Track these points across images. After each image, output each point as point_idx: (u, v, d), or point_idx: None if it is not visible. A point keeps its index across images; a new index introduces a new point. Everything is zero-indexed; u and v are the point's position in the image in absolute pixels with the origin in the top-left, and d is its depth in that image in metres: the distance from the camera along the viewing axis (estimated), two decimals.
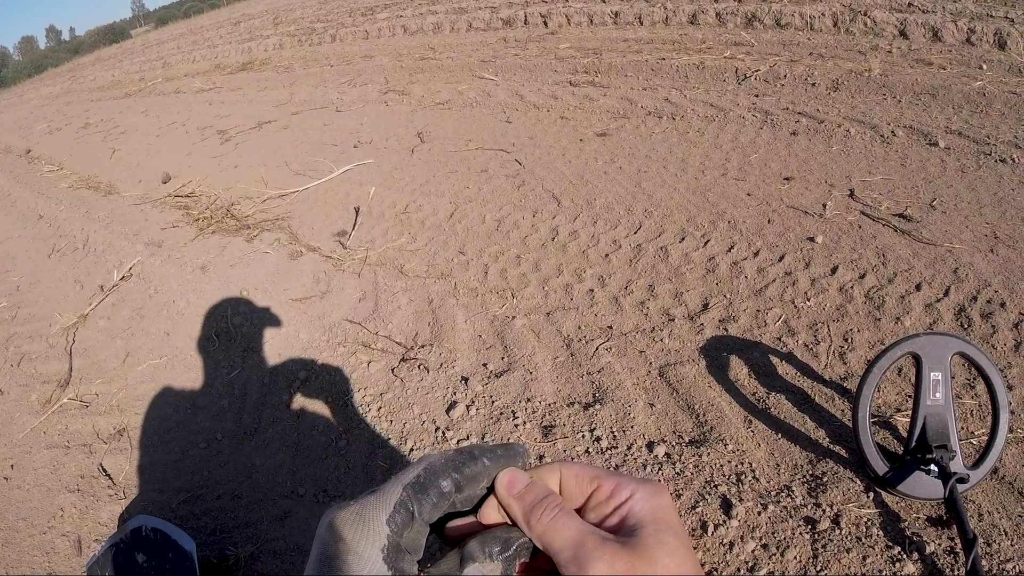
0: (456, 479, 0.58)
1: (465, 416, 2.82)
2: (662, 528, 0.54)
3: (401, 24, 12.17)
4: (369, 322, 3.60)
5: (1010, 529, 1.89)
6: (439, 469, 0.58)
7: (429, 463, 0.58)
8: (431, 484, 0.57)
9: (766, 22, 7.24)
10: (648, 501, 0.56)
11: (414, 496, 0.56)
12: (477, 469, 0.59)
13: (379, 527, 0.53)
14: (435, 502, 0.57)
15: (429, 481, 0.57)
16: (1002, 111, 4.26)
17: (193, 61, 17.04)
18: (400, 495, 0.55)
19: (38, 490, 3.08)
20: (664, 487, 0.58)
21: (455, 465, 0.58)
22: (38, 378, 3.99)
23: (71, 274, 5.24)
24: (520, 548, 0.58)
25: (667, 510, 0.56)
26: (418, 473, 0.57)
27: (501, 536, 0.58)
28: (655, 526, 0.54)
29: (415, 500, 0.55)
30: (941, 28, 5.84)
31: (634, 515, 0.55)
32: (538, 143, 5.36)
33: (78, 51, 50.71)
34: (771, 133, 4.63)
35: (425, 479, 0.57)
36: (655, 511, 0.55)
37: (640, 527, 0.54)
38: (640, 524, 0.54)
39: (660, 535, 0.53)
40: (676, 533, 0.54)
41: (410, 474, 0.57)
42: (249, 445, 3.06)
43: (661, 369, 2.80)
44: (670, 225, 3.73)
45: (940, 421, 1.99)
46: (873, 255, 3.11)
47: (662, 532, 0.53)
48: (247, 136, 7.89)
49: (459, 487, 0.58)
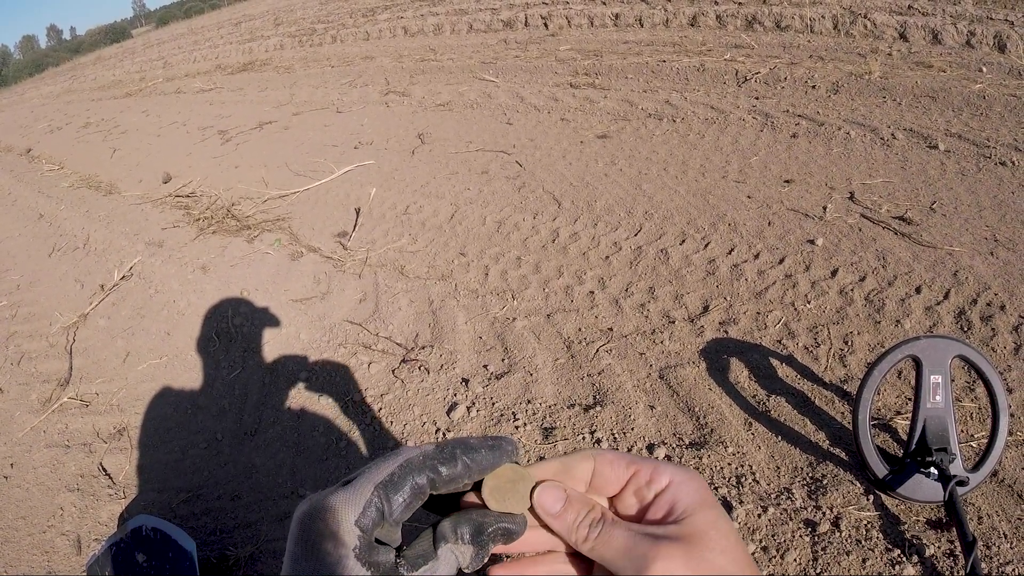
0: (432, 478, 0.55)
1: (466, 417, 2.82)
2: (710, 512, 0.54)
3: (402, 25, 12.18)
4: (370, 323, 3.60)
5: (1010, 532, 1.89)
6: (415, 467, 0.55)
7: (406, 460, 0.55)
8: (405, 483, 0.54)
9: (766, 24, 7.25)
10: (690, 485, 0.56)
11: (385, 496, 0.53)
12: (456, 471, 0.56)
13: (349, 527, 0.51)
14: (407, 502, 0.54)
15: (403, 480, 0.54)
16: (1002, 114, 4.27)
17: (194, 61, 17.05)
18: (371, 495, 0.52)
19: (38, 489, 3.08)
20: (697, 472, 0.57)
21: (432, 464, 0.55)
22: (38, 377, 3.99)
23: (71, 273, 5.24)
24: (495, 533, 0.56)
25: (709, 494, 0.56)
26: (393, 471, 0.54)
27: (475, 520, 0.56)
28: (704, 512, 0.54)
29: (387, 500, 0.53)
30: (941, 31, 5.85)
31: (681, 501, 0.55)
32: (539, 145, 5.36)
33: (79, 50, 50.65)
34: (771, 136, 4.64)
35: (400, 478, 0.54)
36: (700, 495, 0.55)
37: (691, 513, 0.54)
38: (689, 510, 0.54)
39: (712, 520, 0.53)
40: (724, 515, 0.54)
41: (384, 472, 0.54)
42: (249, 445, 3.06)
43: (661, 371, 2.80)
44: (670, 227, 3.73)
45: (940, 424, 1.99)
46: (873, 258, 3.12)
47: (712, 516, 0.53)
48: (248, 136, 7.89)
49: (435, 486, 0.55)
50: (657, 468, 0.57)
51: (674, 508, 0.55)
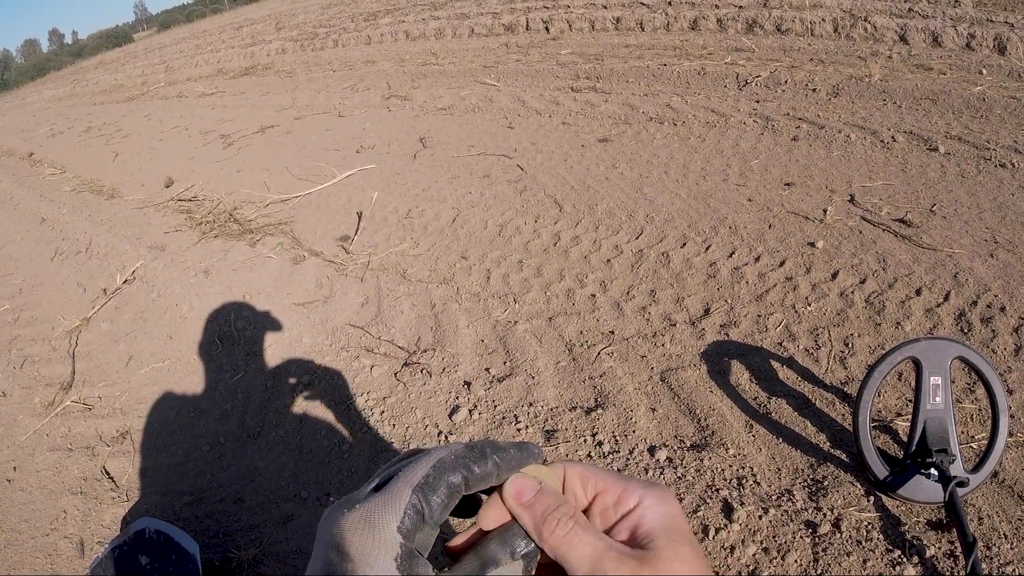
0: (466, 477, 0.54)
1: (468, 420, 2.83)
2: (675, 539, 0.52)
3: (403, 29, 12.21)
4: (372, 326, 3.61)
5: (1010, 532, 1.90)
6: (449, 466, 0.54)
7: (439, 460, 0.54)
8: (441, 483, 0.53)
9: (767, 27, 7.27)
10: (657, 509, 0.55)
11: (424, 498, 0.52)
12: (487, 469, 0.55)
13: (390, 535, 0.50)
14: (445, 502, 0.53)
15: (439, 481, 0.53)
16: (1002, 116, 4.28)
17: (196, 65, 17.08)
18: (410, 498, 0.51)
19: (41, 492, 3.09)
20: (669, 492, 0.56)
21: (465, 463, 0.55)
22: (41, 381, 4.00)
23: (74, 277, 5.25)
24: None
25: (677, 518, 0.55)
26: (427, 472, 0.53)
27: (520, 531, 0.55)
28: (668, 537, 0.53)
29: (426, 502, 0.52)
30: (941, 33, 5.86)
31: (645, 525, 0.54)
32: (540, 148, 5.38)
33: (81, 54, 50.73)
34: (772, 139, 4.65)
35: (435, 478, 0.53)
36: (666, 520, 0.54)
37: (653, 539, 0.53)
38: (653, 536, 0.53)
39: (674, 546, 0.52)
40: (689, 542, 0.53)
41: (418, 473, 0.53)
42: (252, 448, 3.07)
43: (663, 374, 2.81)
44: (671, 230, 3.74)
45: (940, 425, 2.00)
46: (873, 260, 3.12)
47: (676, 543, 0.52)
48: (250, 141, 7.91)
49: (468, 485, 0.55)
50: (627, 489, 0.57)
51: (637, 532, 0.54)
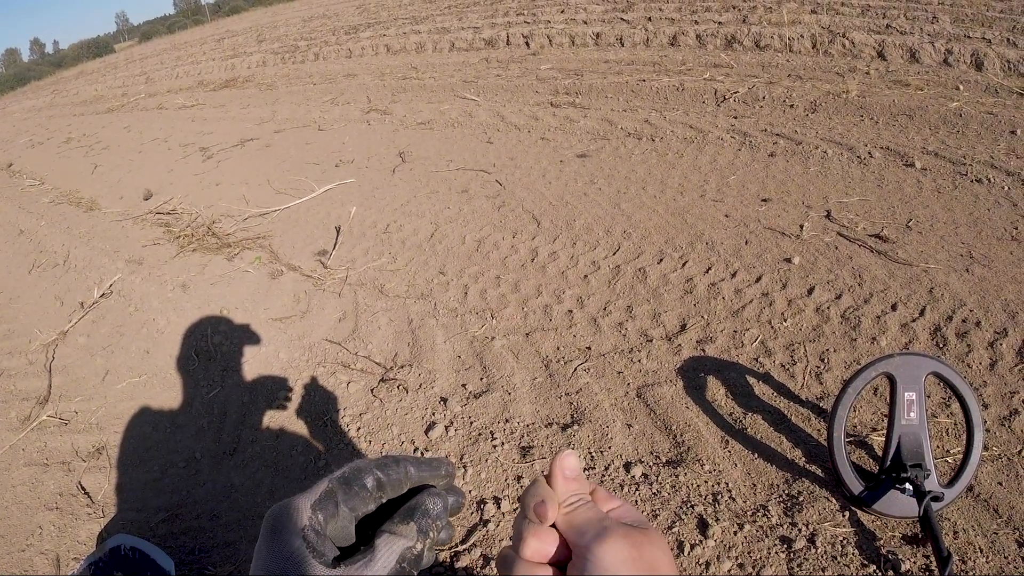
0: (379, 477, 0.64)
1: (444, 436, 2.82)
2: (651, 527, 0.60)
3: (384, 43, 12.23)
4: (349, 342, 3.59)
5: (985, 546, 1.91)
6: (363, 468, 0.64)
7: (356, 463, 0.65)
8: (355, 478, 0.63)
9: (746, 44, 7.33)
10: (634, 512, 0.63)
11: (339, 486, 0.62)
12: (399, 474, 0.65)
13: (303, 510, 0.59)
14: (358, 493, 0.63)
15: (353, 476, 0.63)
16: (978, 131, 4.33)
17: (176, 77, 17.01)
18: (326, 486, 0.62)
19: (16, 507, 3.05)
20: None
21: (379, 465, 0.65)
22: (17, 395, 3.95)
23: (51, 290, 5.20)
24: (431, 507, 0.64)
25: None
26: (344, 470, 0.64)
27: (410, 503, 0.65)
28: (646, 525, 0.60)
29: (340, 490, 0.62)
30: (919, 49, 5.93)
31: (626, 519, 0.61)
32: (519, 164, 5.39)
33: (62, 64, 50.38)
34: (749, 155, 4.68)
35: (350, 474, 0.63)
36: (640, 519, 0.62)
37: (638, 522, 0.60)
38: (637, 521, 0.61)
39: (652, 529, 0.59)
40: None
41: (337, 471, 0.64)
42: (228, 464, 3.04)
43: (639, 390, 2.81)
44: (649, 246, 3.75)
45: (915, 440, 2.01)
46: (849, 276, 3.15)
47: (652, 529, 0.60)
48: (229, 153, 7.88)
49: (381, 486, 0.64)
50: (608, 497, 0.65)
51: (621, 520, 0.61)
